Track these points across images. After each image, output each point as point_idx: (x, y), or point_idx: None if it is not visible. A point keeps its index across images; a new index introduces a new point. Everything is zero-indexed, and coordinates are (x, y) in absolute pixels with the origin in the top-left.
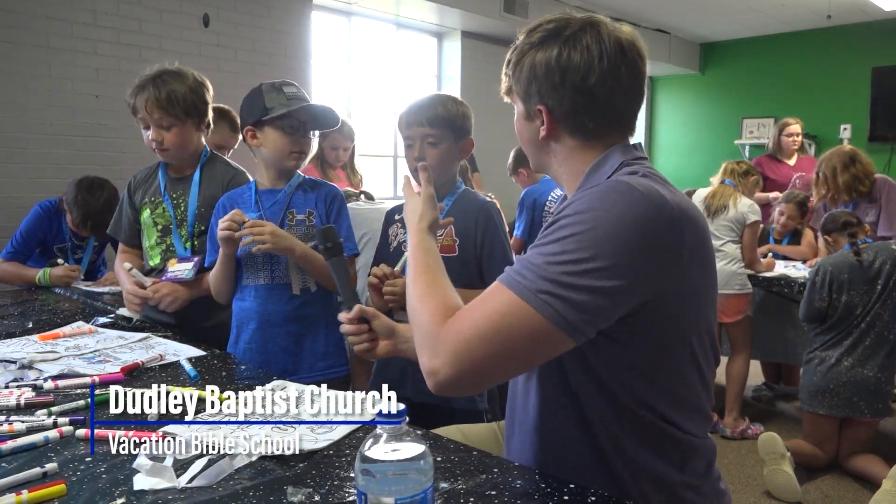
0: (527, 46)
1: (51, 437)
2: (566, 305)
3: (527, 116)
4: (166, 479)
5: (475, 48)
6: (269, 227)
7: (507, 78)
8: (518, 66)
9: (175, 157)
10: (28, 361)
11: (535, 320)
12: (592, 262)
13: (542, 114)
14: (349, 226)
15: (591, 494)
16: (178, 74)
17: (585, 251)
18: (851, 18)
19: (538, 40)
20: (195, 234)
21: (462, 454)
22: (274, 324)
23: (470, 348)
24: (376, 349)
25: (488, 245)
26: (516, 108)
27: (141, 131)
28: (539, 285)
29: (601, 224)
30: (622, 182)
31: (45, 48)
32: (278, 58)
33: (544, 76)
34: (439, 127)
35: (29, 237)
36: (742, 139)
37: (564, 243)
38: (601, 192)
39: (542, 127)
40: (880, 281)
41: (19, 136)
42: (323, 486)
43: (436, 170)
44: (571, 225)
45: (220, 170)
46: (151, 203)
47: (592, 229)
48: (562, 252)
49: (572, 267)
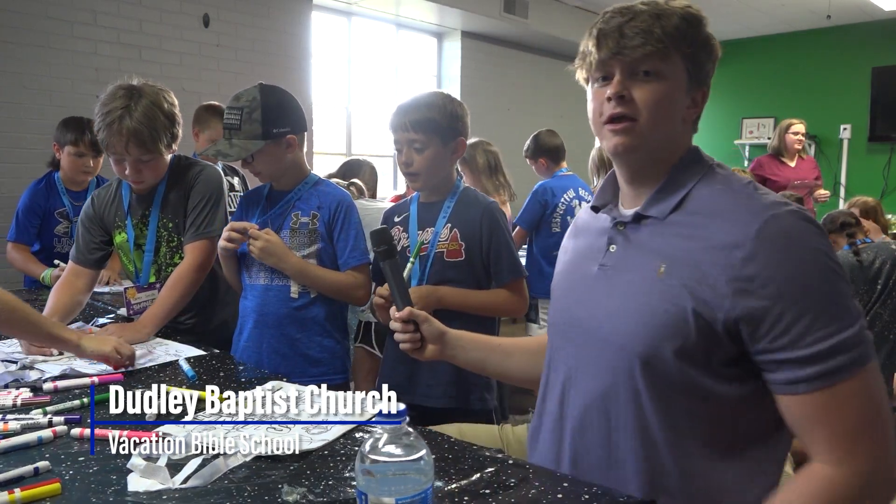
0: (699, 21)
1: (45, 437)
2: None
3: (687, 92)
4: (160, 479)
5: (475, 48)
6: (260, 243)
7: (670, 39)
8: (705, 42)
9: (150, 186)
10: (29, 361)
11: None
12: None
13: (701, 95)
14: (356, 235)
15: (584, 493)
16: (148, 97)
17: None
18: (851, 18)
19: (704, 18)
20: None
21: (457, 452)
22: (269, 325)
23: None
24: (424, 351)
25: (495, 247)
26: (670, 79)
27: (111, 161)
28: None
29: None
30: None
31: (45, 48)
32: (278, 58)
33: (709, 54)
34: (423, 132)
35: (29, 213)
36: (742, 139)
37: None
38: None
39: (695, 109)
40: (880, 281)
41: (19, 135)
42: (318, 486)
43: (424, 175)
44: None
45: (184, 174)
46: (119, 226)
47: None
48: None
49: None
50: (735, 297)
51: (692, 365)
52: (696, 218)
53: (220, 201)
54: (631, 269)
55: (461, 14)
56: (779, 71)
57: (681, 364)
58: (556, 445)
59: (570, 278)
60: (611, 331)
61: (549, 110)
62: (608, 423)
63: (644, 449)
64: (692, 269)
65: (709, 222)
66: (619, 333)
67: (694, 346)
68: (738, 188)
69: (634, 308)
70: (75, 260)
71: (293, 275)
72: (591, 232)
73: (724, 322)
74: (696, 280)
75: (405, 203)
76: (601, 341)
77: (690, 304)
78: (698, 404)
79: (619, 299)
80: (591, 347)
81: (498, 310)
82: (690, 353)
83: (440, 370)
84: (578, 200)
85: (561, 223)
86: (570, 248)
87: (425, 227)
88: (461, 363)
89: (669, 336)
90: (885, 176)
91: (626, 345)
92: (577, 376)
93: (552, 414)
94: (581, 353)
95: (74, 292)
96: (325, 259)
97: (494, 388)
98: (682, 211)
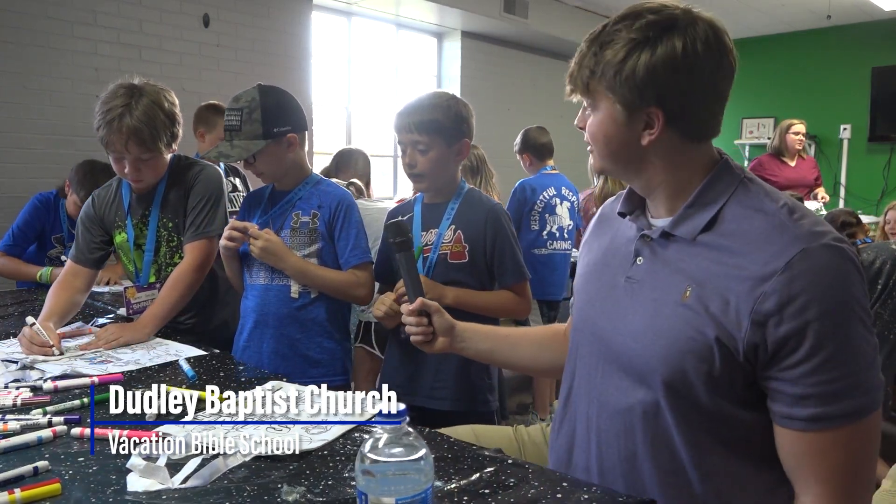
0: (629, 43)
1: (44, 437)
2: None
3: (627, 120)
4: (160, 479)
5: (475, 48)
6: (261, 243)
7: (590, 76)
8: (622, 66)
9: (149, 186)
10: (30, 361)
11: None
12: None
13: (652, 117)
14: (357, 233)
15: (584, 493)
16: (149, 97)
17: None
18: (851, 18)
19: (651, 35)
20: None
21: (457, 452)
22: (269, 325)
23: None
24: (434, 344)
25: (499, 250)
26: (601, 111)
27: (110, 159)
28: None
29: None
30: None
31: (45, 48)
32: (278, 58)
33: (669, 75)
34: (427, 133)
35: (27, 229)
36: (742, 139)
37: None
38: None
39: (650, 132)
40: (881, 280)
41: (19, 135)
42: (317, 486)
43: (429, 176)
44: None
45: (184, 173)
46: (120, 226)
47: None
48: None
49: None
50: (754, 328)
51: (715, 390)
52: (726, 241)
53: (220, 201)
54: (656, 287)
55: (461, 14)
56: (779, 71)
57: (704, 389)
58: (583, 451)
59: (597, 285)
60: (638, 350)
61: (549, 110)
62: (633, 437)
63: (666, 465)
64: (718, 297)
65: (738, 249)
66: (644, 356)
67: (718, 372)
68: (771, 211)
69: (659, 331)
70: (74, 259)
71: (293, 274)
72: (619, 236)
73: (744, 351)
74: (720, 309)
75: (409, 203)
76: (626, 359)
77: (713, 333)
78: (721, 427)
79: (643, 319)
80: (617, 363)
81: (501, 311)
82: (715, 380)
83: (444, 372)
84: (560, 199)
85: (539, 220)
86: (595, 247)
87: (429, 229)
88: (471, 354)
89: (694, 362)
90: (885, 176)
91: (650, 367)
92: (602, 386)
93: (574, 418)
94: (607, 368)
95: (73, 292)
96: (327, 258)
97: (497, 390)
98: (713, 232)
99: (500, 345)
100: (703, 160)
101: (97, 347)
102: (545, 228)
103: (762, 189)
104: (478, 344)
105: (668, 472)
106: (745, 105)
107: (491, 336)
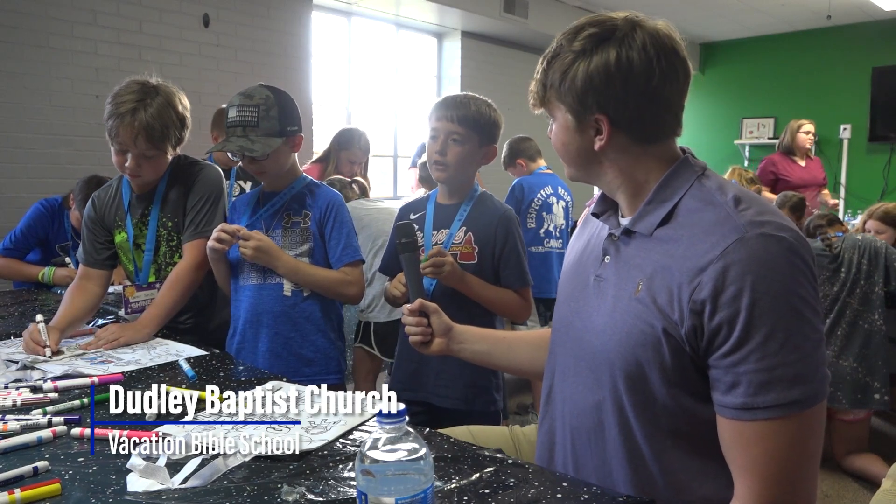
0: (571, 55)
1: (44, 437)
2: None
3: (577, 128)
4: (160, 479)
5: (475, 48)
6: (254, 243)
7: (543, 89)
8: (565, 77)
9: (148, 184)
10: (30, 361)
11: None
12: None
13: (599, 123)
14: (348, 233)
15: (584, 493)
16: (164, 96)
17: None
18: (851, 18)
19: (588, 46)
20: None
21: (457, 452)
22: (264, 323)
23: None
24: (431, 344)
25: (507, 255)
26: (557, 120)
27: (111, 151)
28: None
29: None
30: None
31: (45, 48)
32: (278, 58)
33: (604, 83)
34: (466, 126)
35: (28, 234)
36: (742, 139)
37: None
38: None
39: (600, 137)
40: (843, 269)
41: (19, 136)
42: (317, 486)
43: (453, 167)
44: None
45: (184, 173)
46: (119, 225)
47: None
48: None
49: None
50: (692, 317)
51: (671, 383)
52: (677, 233)
53: (220, 200)
54: (617, 284)
55: (461, 14)
56: (779, 71)
57: (660, 382)
58: (561, 448)
59: (572, 285)
60: (599, 346)
61: None
62: (602, 434)
63: (632, 459)
64: (664, 289)
65: (686, 240)
66: (606, 350)
67: (670, 364)
68: (719, 203)
69: (615, 327)
70: (85, 262)
71: (286, 273)
72: (594, 236)
73: (687, 341)
74: (666, 300)
75: (421, 201)
76: (592, 354)
77: (661, 324)
78: (680, 422)
79: (605, 316)
80: (585, 359)
81: (506, 308)
82: (668, 372)
83: (452, 370)
84: (556, 198)
85: (536, 218)
86: (576, 248)
87: (440, 228)
88: (467, 356)
89: (647, 355)
90: (885, 176)
91: (609, 362)
92: (574, 384)
93: (553, 416)
94: (578, 364)
95: (88, 295)
96: (318, 258)
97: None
98: (668, 226)
99: (496, 347)
100: (661, 160)
101: (97, 347)
102: (542, 226)
103: (716, 183)
104: (475, 346)
105: (635, 467)
106: (745, 105)
107: (488, 338)
